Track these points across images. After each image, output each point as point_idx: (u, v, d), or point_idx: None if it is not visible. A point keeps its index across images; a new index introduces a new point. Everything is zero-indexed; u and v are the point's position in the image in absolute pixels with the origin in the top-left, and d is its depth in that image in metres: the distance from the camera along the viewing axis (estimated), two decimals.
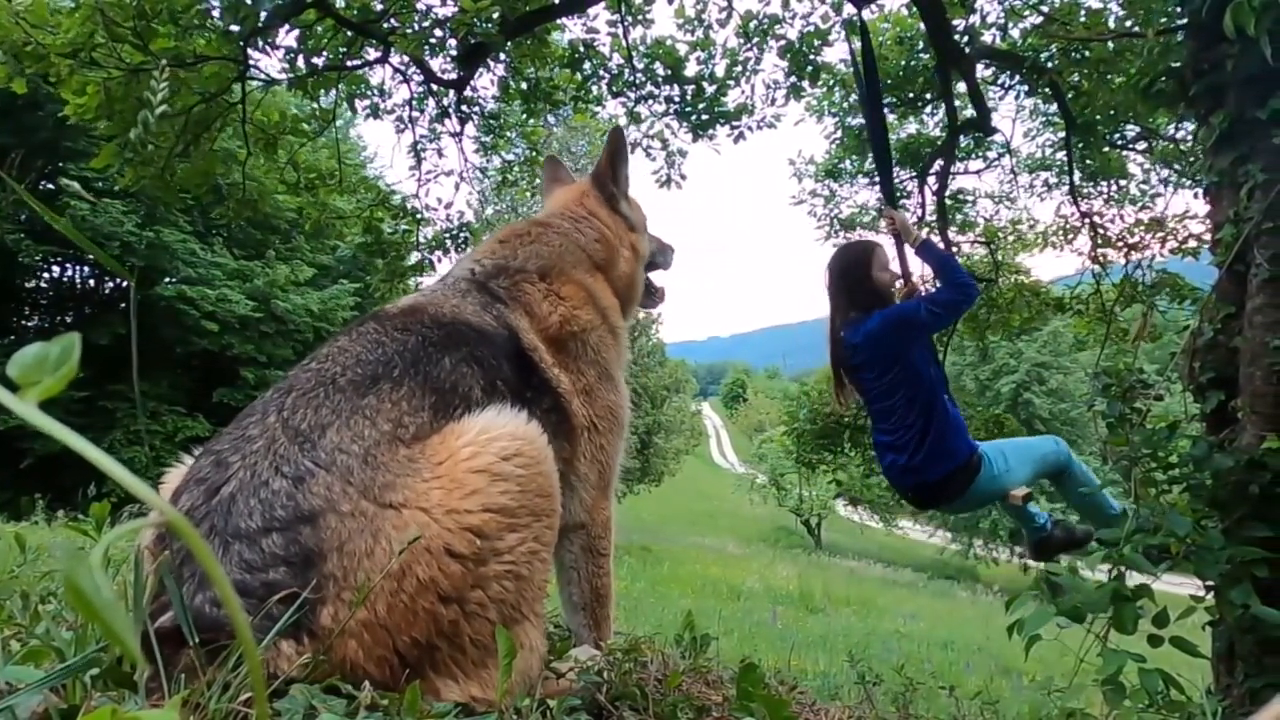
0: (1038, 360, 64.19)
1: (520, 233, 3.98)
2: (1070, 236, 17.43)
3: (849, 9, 11.42)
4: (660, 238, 4.78)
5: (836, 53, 14.87)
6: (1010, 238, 19.08)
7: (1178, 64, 5.97)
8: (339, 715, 2.08)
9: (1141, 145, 15.34)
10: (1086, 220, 15.95)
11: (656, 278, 4.83)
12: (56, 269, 36.02)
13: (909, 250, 7.45)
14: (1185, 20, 5.92)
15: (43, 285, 37.15)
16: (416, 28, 9.99)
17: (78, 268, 35.94)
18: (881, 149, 8.21)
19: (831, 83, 15.35)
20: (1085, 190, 16.12)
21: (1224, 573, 4.73)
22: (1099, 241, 15.76)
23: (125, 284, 34.36)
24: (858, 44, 8.10)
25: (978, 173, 17.45)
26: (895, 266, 7.30)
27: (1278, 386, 5.10)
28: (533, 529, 2.63)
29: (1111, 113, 12.67)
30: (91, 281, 36.95)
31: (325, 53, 10.49)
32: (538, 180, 18.03)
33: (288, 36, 9.99)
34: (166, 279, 32.46)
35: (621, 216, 4.32)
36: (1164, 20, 6.90)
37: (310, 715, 2.07)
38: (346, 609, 2.28)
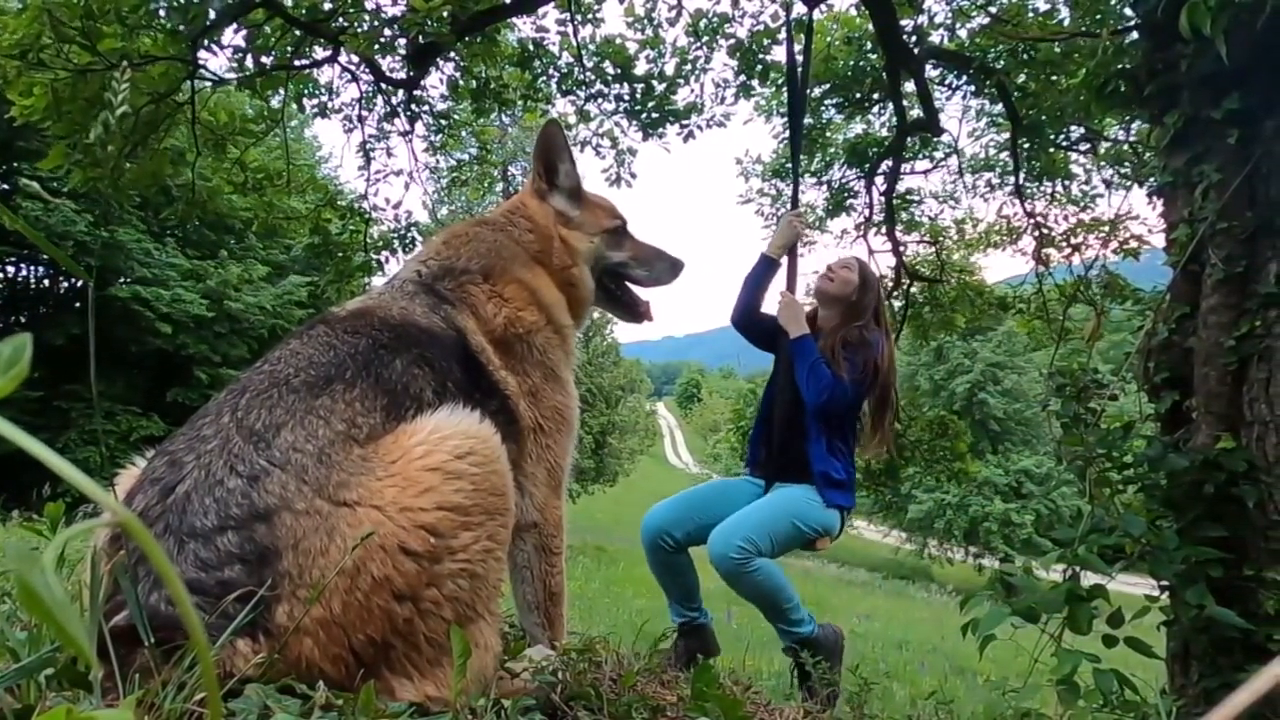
0: (992, 360, 64.30)
1: (461, 233, 3.99)
2: (1015, 237, 17.54)
3: (799, 8, 11.46)
4: (654, 247, 4.62)
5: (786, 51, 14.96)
6: (955, 237, 19.18)
7: (1132, 64, 5.99)
8: (293, 715, 2.08)
9: (1085, 147, 15.43)
10: (1031, 220, 16.03)
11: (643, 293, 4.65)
12: (10, 269, 35.70)
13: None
14: (1140, 20, 5.95)
15: None
16: (366, 27, 9.96)
17: (32, 268, 35.63)
18: (798, 152, 8.06)
19: (780, 82, 15.41)
20: (1030, 190, 16.19)
21: (1179, 573, 4.77)
22: (1043, 242, 15.84)
23: (80, 284, 34.11)
24: (798, 45, 7.91)
25: (925, 173, 17.54)
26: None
27: (1232, 386, 5.13)
28: (486, 527, 2.64)
29: (1058, 114, 12.72)
30: (46, 281, 36.59)
31: (274, 52, 10.45)
32: (490, 180, 17.95)
33: (236, 36, 9.97)
34: (121, 279, 32.23)
35: (556, 210, 4.27)
36: (1114, 20, 6.93)
37: (265, 715, 2.08)
38: (302, 607, 2.29)
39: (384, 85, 12.51)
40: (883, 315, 6.71)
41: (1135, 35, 6.21)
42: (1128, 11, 6.67)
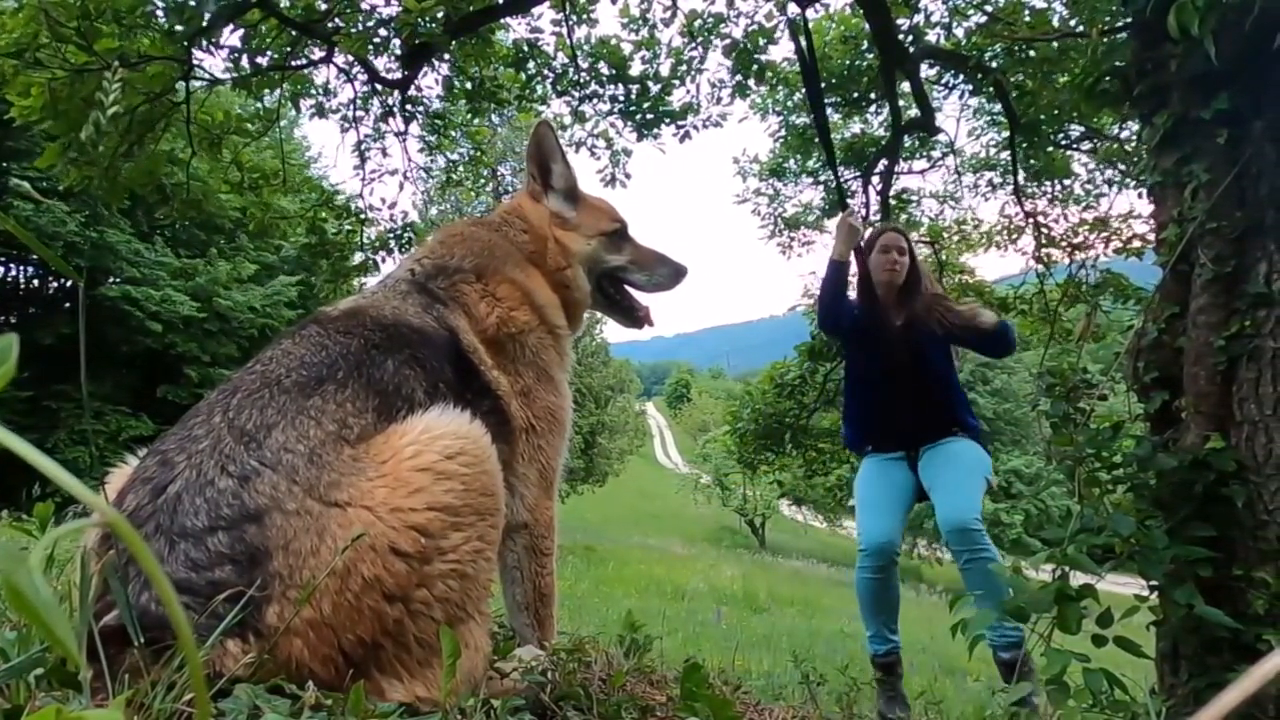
0: (982, 360, 64.28)
1: (456, 233, 3.97)
2: (1014, 236, 17.52)
3: (793, 8, 11.44)
4: (655, 252, 4.51)
5: (781, 51, 14.97)
6: (954, 237, 19.16)
7: (1122, 64, 5.99)
8: (283, 715, 2.08)
9: (1086, 145, 15.42)
10: (1031, 220, 16.01)
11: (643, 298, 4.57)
12: (0, 269, 35.70)
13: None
14: (1129, 19, 5.95)
15: None
16: (361, 27, 9.95)
17: (21, 268, 35.60)
18: (830, 147, 8.34)
19: (775, 81, 15.38)
20: (1029, 190, 16.18)
21: (1168, 573, 4.76)
22: (1043, 241, 15.83)
23: (70, 284, 34.03)
24: (802, 44, 8.04)
25: (922, 172, 17.56)
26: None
27: (1221, 386, 5.12)
28: (477, 528, 2.64)
29: (1055, 113, 12.72)
30: (36, 282, 36.57)
31: (269, 52, 10.45)
32: (482, 180, 17.95)
33: (232, 36, 9.96)
34: (111, 279, 32.23)
35: (552, 212, 4.23)
36: (1108, 19, 6.94)
37: (254, 715, 2.07)
38: (292, 607, 2.28)
39: (379, 86, 12.52)
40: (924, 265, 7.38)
41: (1125, 34, 6.22)
42: (1121, 9, 6.68)
